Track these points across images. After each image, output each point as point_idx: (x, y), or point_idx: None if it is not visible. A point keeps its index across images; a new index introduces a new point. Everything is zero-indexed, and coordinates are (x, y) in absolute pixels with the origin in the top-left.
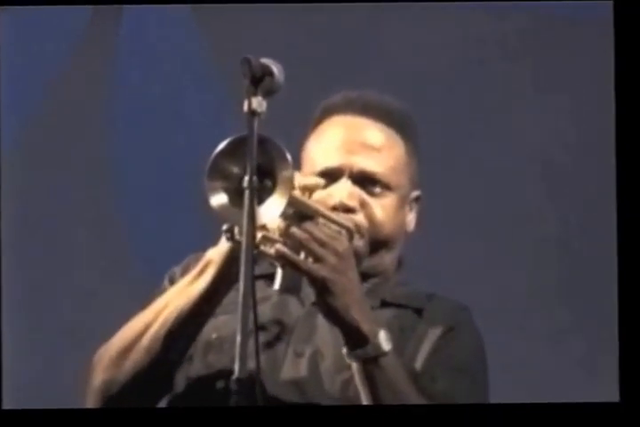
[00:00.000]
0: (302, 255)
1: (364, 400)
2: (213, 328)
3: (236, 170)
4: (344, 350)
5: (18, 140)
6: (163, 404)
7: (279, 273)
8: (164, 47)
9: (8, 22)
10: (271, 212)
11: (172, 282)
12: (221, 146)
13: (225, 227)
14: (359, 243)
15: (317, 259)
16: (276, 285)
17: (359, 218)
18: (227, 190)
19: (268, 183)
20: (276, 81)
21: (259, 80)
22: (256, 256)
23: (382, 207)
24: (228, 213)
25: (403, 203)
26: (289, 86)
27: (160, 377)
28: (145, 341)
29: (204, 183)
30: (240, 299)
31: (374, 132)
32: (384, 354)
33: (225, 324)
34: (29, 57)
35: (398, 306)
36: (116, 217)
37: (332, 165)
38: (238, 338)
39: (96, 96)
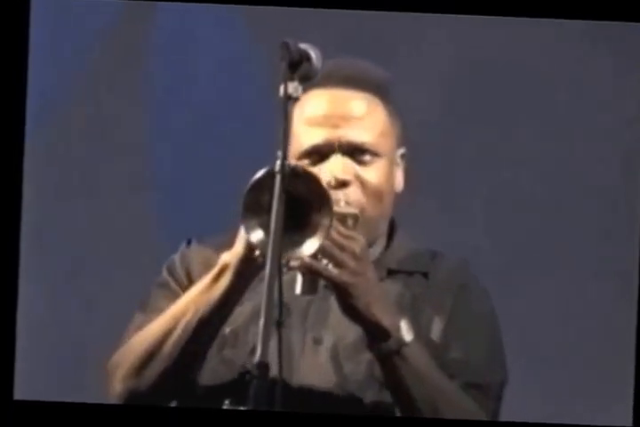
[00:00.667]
0: (324, 261)
1: (392, 392)
2: (227, 322)
3: (268, 202)
4: (366, 345)
5: (43, 123)
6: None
7: (299, 279)
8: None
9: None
10: (307, 252)
11: (172, 273)
12: (254, 178)
13: (258, 253)
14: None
15: (338, 264)
16: (298, 289)
17: (352, 190)
18: (262, 226)
19: (302, 217)
20: (314, 66)
21: (296, 64)
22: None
23: (375, 175)
24: (266, 246)
25: (392, 165)
26: None
27: (184, 383)
28: (167, 348)
29: (241, 222)
30: (266, 274)
31: (355, 102)
32: (406, 345)
33: (237, 316)
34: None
35: (405, 273)
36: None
37: (319, 142)
38: (262, 321)
39: (130, 80)
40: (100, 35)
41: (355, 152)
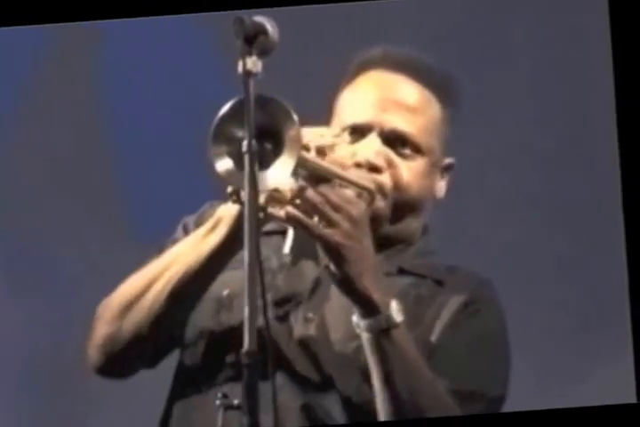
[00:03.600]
0: (316, 219)
1: (372, 371)
2: (223, 284)
3: (239, 133)
4: (354, 320)
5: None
6: (173, 361)
7: (290, 236)
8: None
9: None
10: (280, 174)
11: (186, 231)
12: (223, 110)
13: (229, 189)
14: (380, 204)
15: (331, 224)
16: (286, 248)
17: (384, 178)
18: (231, 155)
19: (275, 144)
20: (271, 39)
21: (252, 39)
22: (263, 219)
23: (410, 169)
24: (234, 177)
25: (433, 168)
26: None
27: (163, 335)
28: (149, 297)
29: (209, 149)
30: (245, 264)
31: (410, 91)
32: (395, 326)
33: (235, 279)
34: None
35: (416, 275)
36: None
37: (362, 121)
38: (246, 310)
39: (90, 54)
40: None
41: (395, 141)
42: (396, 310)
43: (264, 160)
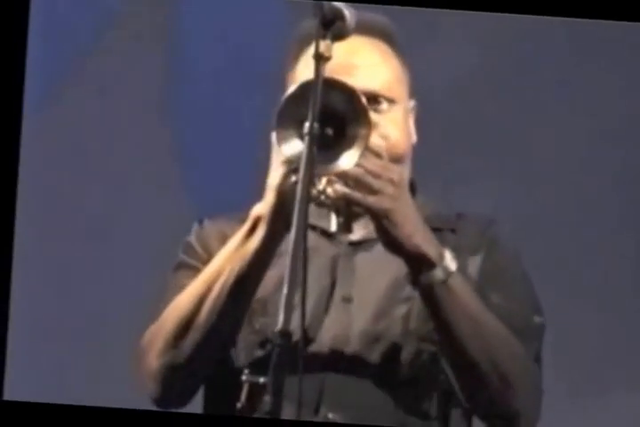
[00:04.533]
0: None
1: (437, 328)
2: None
3: (304, 114)
4: (410, 279)
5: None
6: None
7: (333, 216)
8: None
9: None
10: (344, 165)
11: (188, 252)
12: (291, 90)
13: (294, 178)
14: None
15: (375, 191)
16: (333, 226)
17: (375, 139)
18: (301, 137)
19: (338, 132)
20: (348, 25)
21: (329, 23)
22: (320, 202)
23: (392, 123)
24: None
25: (406, 113)
26: None
27: (223, 352)
28: (202, 316)
29: (276, 132)
30: (291, 240)
31: (368, 49)
32: (451, 275)
33: (264, 284)
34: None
35: (433, 229)
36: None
37: None
38: (285, 289)
39: (154, 36)
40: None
41: (370, 100)
42: (449, 259)
43: (326, 144)
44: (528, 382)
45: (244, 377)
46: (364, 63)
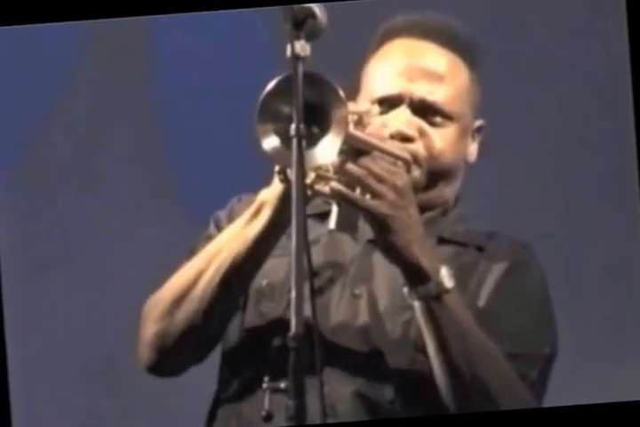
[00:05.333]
0: (359, 192)
1: (428, 341)
2: (263, 274)
3: (287, 110)
4: (405, 290)
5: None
6: (216, 356)
7: (334, 211)
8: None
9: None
10: (326, 153)
11: (218, 226)
12: (269, 86)
13: (277, 168)
14: (416, 173)
15: (376, 195)
16: (332, 223)
17: (417, 147)
18: (278, 133)
19: (321, 122)
20: (320, 23)
21: (301, 23)
22: (311, 197)
23: (442, 137)
24: (281, 155)
25: (464, 133)
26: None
27: (214, 327)
28: (198, 289)
29: (255, 126)
30: (293, 245)
31: (438, 58)
32: (446, 291)
33: (274, 269)
34: None
35: (457, 244)
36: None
37: (392, 92)
38: (293, 293)
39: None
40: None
41: (426, 110)
42: (446, 276)
43: (310, 138)
44: (511, 402)
45: (264, 385)
46: (430, 71)
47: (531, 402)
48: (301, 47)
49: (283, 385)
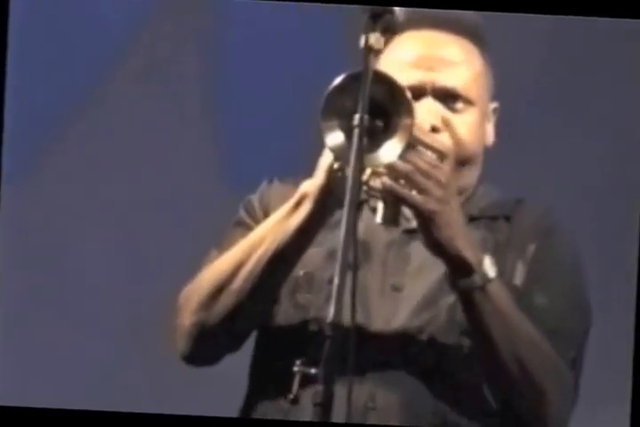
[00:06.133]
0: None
1: (473, 331)
2: (300, 264)
3: (351, 107)
4: (449, 282)
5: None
6: (250, 346)
7: (380, 206)
8: None
9: None
10: (388, 156)
11: (248, 211)
12: (336, 82)
13: (336, 165)
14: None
15: (422, 191)
16: (379, 218)
17: (443, 138)
18: (343, 129)
19: (385, 123)
20: (397, 18)
21: (378, 16)
22: (362, 192)
23: (465, 124)
24: (342, 152)
25: (483, 117)
26: None
27: (252, 318)
28: (238, 281)
29: (320, 122)
30: (342, 233)
31: (451, 46)
32: (490, 281)
33: (312, 259)
34: None
35: (488, 218)
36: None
37: (413, 83)
38: (336, 280)
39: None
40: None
41: (447, 98)
42: (489, 266)
43: (372, 136)
44: (559, 390)
45: (295, 368)
46: (446, 59)
47: (572, 385)
48: (376, 39)
49: (313, 371)
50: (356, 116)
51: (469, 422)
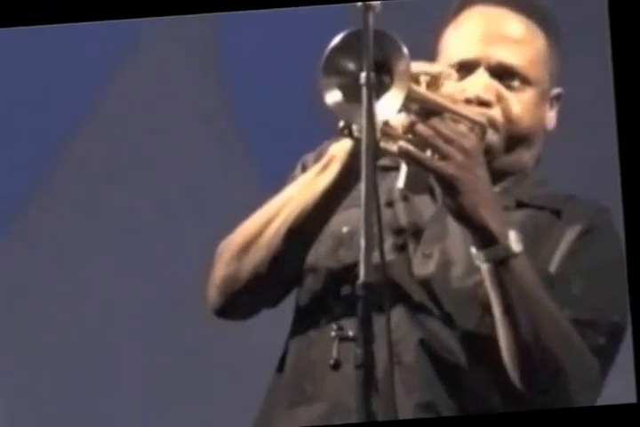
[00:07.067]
0: (428, 153)
1: (494, 304)
2: (344, 221)
3: (351, 65)
4: (472, 251)
5: None
6: (291, 298)
7: (403, 170)
8: None
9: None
10: (389, 108)
11: (305, 169)
12: (335, 41)
13: (341, 124)
14: (493, 138)
15: (444, 156)
16: (400, 182)
17: (494, 112)
18: (342, 87)
19: (385, 78)
20: None
21: None
22: (378, 154)
23: (520, 101)
24: (343, 109)
25: (542, 99)
26: None
27: (282, 274)
28: (266, 237)
29: (319, 80)
30: (362, 194)
31: (515, 24)
32: (514, 255)
33: (355, 217)
34: None
35: (535, 207)
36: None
37: (469, 56)
38: (362, 241)
39: None
40: None
41: (503, 74)
42: (514, 240)
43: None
44: (579, 371)
45: (332, 333)
46: (508, 36)
47: (595, 369)
48: None
49: (351, 333)
50: (362, 75)
51: (490, 389)
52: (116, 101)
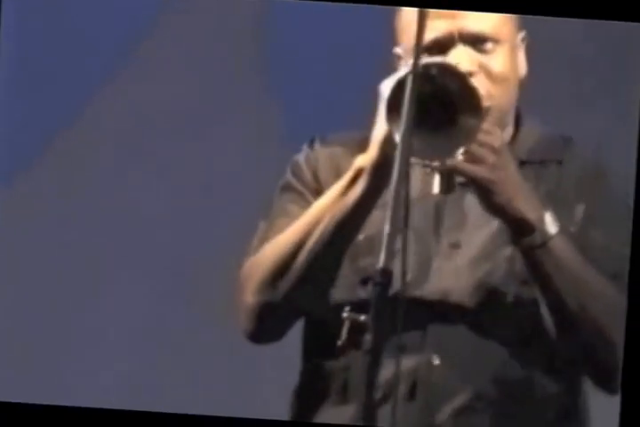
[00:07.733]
0: (460, 156)
1: (536, 286)
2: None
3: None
4: (511, 241)
5: None
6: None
7: (437, 177)
8: None
9: None
10: (445, 153)
11: (297, 175)
12: (393, 81)
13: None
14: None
15: (476, 160)
16: (435, 188)
17: (479, 80)
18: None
19: (449, 117)
20: None
21: None
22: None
23: (497, 62)
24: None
25: (514, 49)
26: None
27: (318, 295)
28: (301, 257)
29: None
30: (392, 190)
31: None
32: (552, 238)
33: (371, 222)
34: None
35: (537, 163)
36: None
37: (439, 34)
38: (387, 227)
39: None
40: None
41: (476, 42)
42: (550, 222)
43: (436, 128)
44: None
45: (344, 314)
46: None
47: None
48: None
49: (363, 318)
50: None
51: (531, 375)
52: (152, 57)
